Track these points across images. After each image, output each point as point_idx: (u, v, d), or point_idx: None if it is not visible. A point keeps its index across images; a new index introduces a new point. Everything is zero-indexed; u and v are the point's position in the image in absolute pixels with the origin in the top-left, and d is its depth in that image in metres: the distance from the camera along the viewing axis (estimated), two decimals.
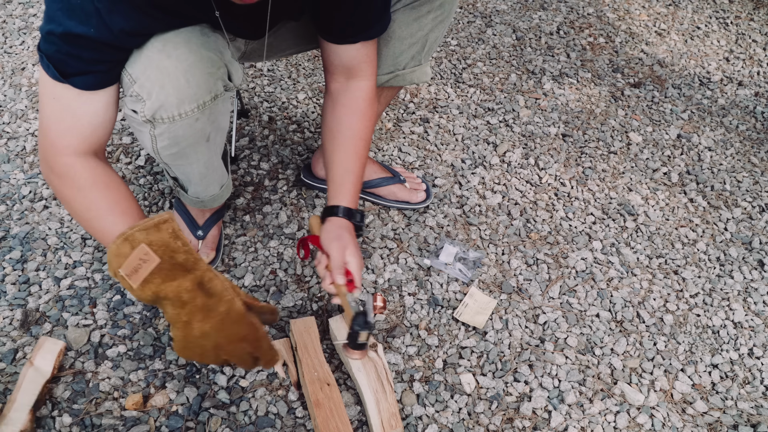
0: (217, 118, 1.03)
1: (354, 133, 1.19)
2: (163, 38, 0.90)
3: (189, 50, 0.91)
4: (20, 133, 1.64)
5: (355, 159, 1.19)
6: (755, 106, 2.03)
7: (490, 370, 1.25)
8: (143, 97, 0.91)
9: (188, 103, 0.94)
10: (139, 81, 0.90)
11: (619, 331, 1.35)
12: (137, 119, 0.95)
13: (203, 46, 0.93)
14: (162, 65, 0.89)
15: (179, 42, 0.90)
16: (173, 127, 0.96)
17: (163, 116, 0.93)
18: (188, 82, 0.91)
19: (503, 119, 1.86)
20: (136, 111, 0.93)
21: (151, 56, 0.89)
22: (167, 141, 0.99)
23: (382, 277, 1.39)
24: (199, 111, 0.96)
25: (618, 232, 1.56)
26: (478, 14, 2.31)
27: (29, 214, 1.44)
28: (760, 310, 1.43)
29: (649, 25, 2.38)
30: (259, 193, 1.55)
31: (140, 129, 0.98)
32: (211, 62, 0.94)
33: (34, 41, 1.95)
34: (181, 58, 0.90)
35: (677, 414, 1.22)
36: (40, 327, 1.23)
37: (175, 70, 0.90)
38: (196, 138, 1.02)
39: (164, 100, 0.91)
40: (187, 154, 1.05)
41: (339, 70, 1.18)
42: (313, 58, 2.02)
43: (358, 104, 1.19)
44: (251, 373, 1.20)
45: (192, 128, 0.99)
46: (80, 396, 1.14)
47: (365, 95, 1.20)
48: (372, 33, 1.13)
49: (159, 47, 0.89)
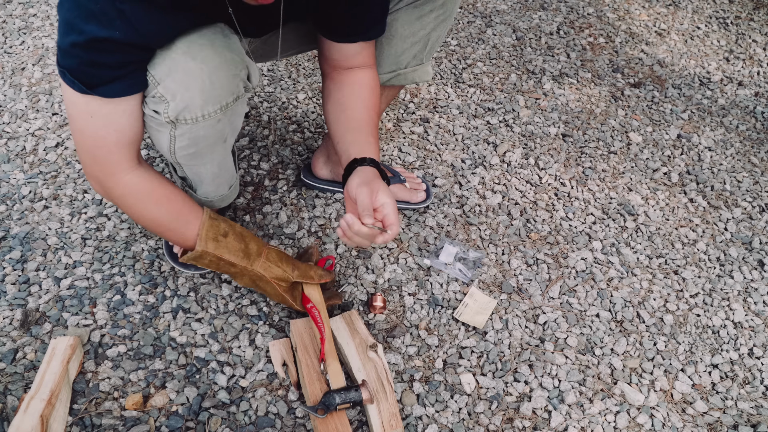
0: (234, 120, 1.04)
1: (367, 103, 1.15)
2: (187, 40, 0.90)
3: (214, 52, 0.91)
4: (20, 133, 1.64)
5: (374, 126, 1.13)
6: (755, 106, 2.03)
7: (490, 370, 1.25)
8: (167, 98, 0.91)
9: (212, 105, 0.94)
10: (164, 83, 0.90)
11: (619, 331, 1.35)
12: (159, 120, 0.95)
13: (227, 47, 0.93)
14: (187, 67, 0.89)
15: (204, 44, 0.91)
16: (195, 128, 0.97)
17: (186, 117, 0.94)
18: (213, 84, 0.92)
19: (503, 119, 1.86)
20: (158, 112, 0.93)
21: (176, 58, 0.89)
22: (187, 141, 1.00)
23: (382, 277, 1.39)
24: (221, 112, 0.97)
25: (618, 232, 1.56)
26: (478, 14, 2.31)
27: (29, 214, 1.44)
28: (760, 310, 1.43)
29: (649, 25, 2.38)
30: (259, 193, 1.55)
31: (159, 129, 0.98)
32: (234, 64, 0.94)
33: (34, 41, 1.95)
34: (206, 60, 0.90)
35: (677, 414, 1.22)
36: (40, 327, 1.23)
37: (201, 72, 0.90)
38: (215, 138, 1.03)
39: (189, 101, 0.92)
40: (203, 154, 1.06)
41: (339, 63, 1.17)
42: (313, 58, 2.02)
43: (365, 81, 1.17)
44: (251, 373, 1.20)
45: (213, 129, 1.00)
46: (80, 396, 1.14)
47: (370, 77, 1.18)
48: (371, 34, 1.13)
49: (184, 49, 0.89)
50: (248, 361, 1.22)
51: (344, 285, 1.37)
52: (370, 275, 1.39)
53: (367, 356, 1.18)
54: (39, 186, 1.50)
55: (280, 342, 1.23)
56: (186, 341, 1.24)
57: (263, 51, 1.29)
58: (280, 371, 1.19)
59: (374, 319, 1.31)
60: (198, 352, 1.22)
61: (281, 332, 1.27)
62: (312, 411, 1.08)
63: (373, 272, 1.40)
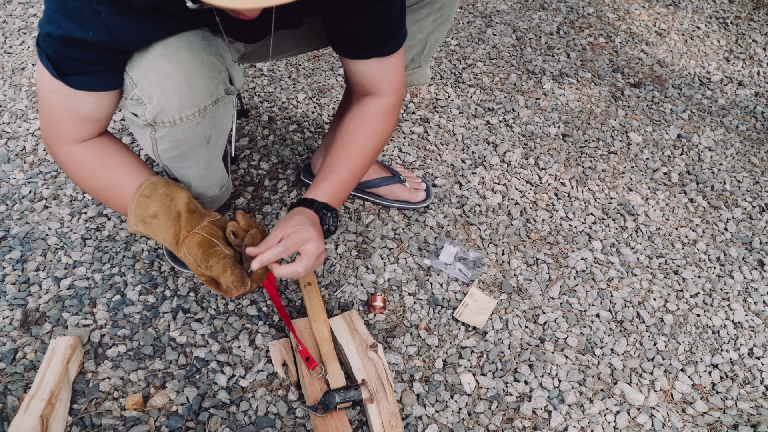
0: (218, 121, 1.04)
1: (351, 139, 1.15)
2: (164, 42, 0.90)
3: (191, 54, 0.91)
4: (20, 133, 1.64)
5: (344, 163, 1.13)
6: (755, 106, 2.03)
7: (490, 370, 1.25)
8: (144, 101, 0.91)
9: (189, 108, 0.94)
10: (140, 85, 0.90)
11: (619, 331, 1.35)
12: (138, 122, 0.95)
13: (205, 50, 0.93)
14: (163, 69, 0.89)
15: (181, 46, 0.90)
16: (174, 131, 0.96)
17: (164, 120, 0.94)
18: (189, 87, 0.92)
19: (503, 119, 1.86)
20: (136, 114, 0.94)
21: (153, 60, 0.89)
22: (168, 144, 0.99)
23: (382, 277, 1.39)
24: (200, 115, 0.96)
25: (618, 232, 1.56)
26: (478, 14, 2.31)
27: (29, 214, 1.44)
28: (760, 310, 1.43)
29: (649, 25, 2.38)
30: (259, 193, 1.55)
31: (141, 132, 0.98)
32: (213, 67, 0.94)
33: (34, 41, 1.95)
34: (182, 62, 0.90)
35: (677, 414, 1.22)
36: (40, 327, 1.23)
37: (177, 74, 0.90)
38: (197, 141, 1.02)
39: (165, 104, 0.91)
40: (187, 157, 1.06)
41: (358, 86, 1.16)
42: (313, 58, 2.02)
43: (366, 116, 1.15)
44: (251, 373, 1.20)
45: (193, 132, 0.99)
46: (80, 396, 1.14)
47: (378, 109, 1.15)
48: (386, 49, 1.10)
49: (160, 51, 0.89)
50: (248, 361, 1.22)
51: (344, 285, 1.37)
52: (370, 275, 1.39)
53: (367, 356, 1.18)
54: (39, 186, 1.50)
55: (280, 342, 1.23)
56: (186, 341, 1.24)
57: (261, 52, 1.29)
58: (280, 371, 1.19)
59: (374, 319, 1.31)
60: (198, 352, 1.22)
61: (281, 332, 1.27)
62: (312, 410, 1.08)
63: (373, 272, 1.40)
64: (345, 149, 1.14)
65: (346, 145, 1.14)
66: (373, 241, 1.46)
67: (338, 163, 1.13)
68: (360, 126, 1.15)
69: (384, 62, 1.11)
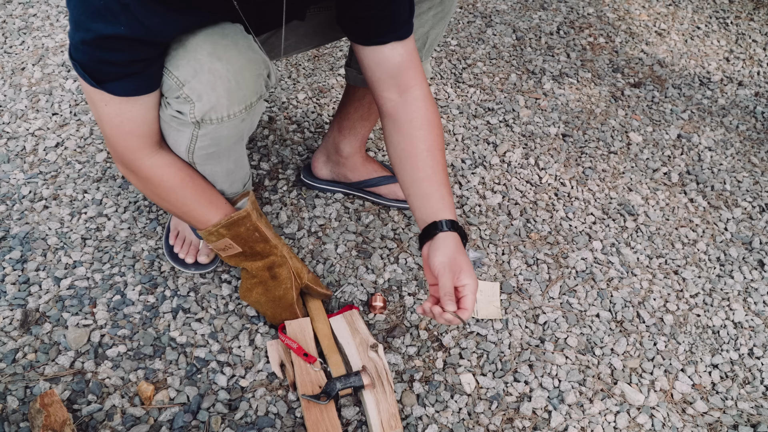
0: (255, 118, 1.06)
1: (430, 144, 1.09)
2: (211, 41, 0.90)
3: (238, 53, 0.92)
4: (20, 133, 1.64)
5: (442, 171, 1.08)
6: (755, 106, 2.03)
7: (490, 370, 1.25)
8: (193, 99, 0.92)
9: (237, 105, 0.95)
10: (189, 84, 0.91)
11: (619, 331, 1.35)
12: (182, 120, 0.95)
13: (250, 48, 0.94)
14: (213, 68, 0.90)
15: (228, 45, 0.91)
16: (219, 128, 0.98)
17: (212, 118, 0.95)
18: (238, 84, 0.93)
19: (503, 119, 1.86)
20: (182, 112, 0.94)
21: (202, 59, 0.90)
22: (208, 141, 1.00)
23: (382, 277, 1.39)
24: (246, 112, 0.98)
25: (618, 232, 1.56)
26: (478, 14, 2.31)
27: (29, 214, 1.44)
28: (760, 310, 1.43)
29: (649, 25, 2.38)
30: (259, 193, 1.55)
31: (181, 129, 0.98)
32: (258, 63, 0.95)
33: (34, 41, 1.95)
34: (231, 60, 0.91)
35: (677, 414, 1.22)
36: (40, 327, 1.23)
37: (227, 72, 0.91)
38: (236, 138, 1.05)
39: (215, 102, 0.92)
40: (220, 154, 1.07)
41: (386, 84, 1.10)
42: (313, 58, 2.02)
43: (422, 114, 1.09)
44: (251, 373, 1.20)
45: (236, 129, 1.01)
46: (80, 396, 1.14)
47: (425, 104, 1.10)
48: (403, 32, 1.06)
49: (209, 50, 0.90)
50: (248, 361, 1.22)
51: (344, 285, 1.37)
52: (370, 275, 1.39)
53: (368, 356, 1.18)
54: (39, 186, 1.50)
55: (278, 342, 1.23)
56: (186, 341, 1.24)
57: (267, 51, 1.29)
58: (277, 371, 1.19)
59: (374, 319, 1.31)
60: (198, 352, 1.22)
61: None
62: (315, 399, 1.09)
63: (373, 272, 1.40)
64: (432, 156, 1.09)
65: (429, 151, 1.09)
66: (373, 241, 1.46)
67: (438, 174, 1.08)
68: (426, 127, 1.09)
69: (406, 46, 1.07)
